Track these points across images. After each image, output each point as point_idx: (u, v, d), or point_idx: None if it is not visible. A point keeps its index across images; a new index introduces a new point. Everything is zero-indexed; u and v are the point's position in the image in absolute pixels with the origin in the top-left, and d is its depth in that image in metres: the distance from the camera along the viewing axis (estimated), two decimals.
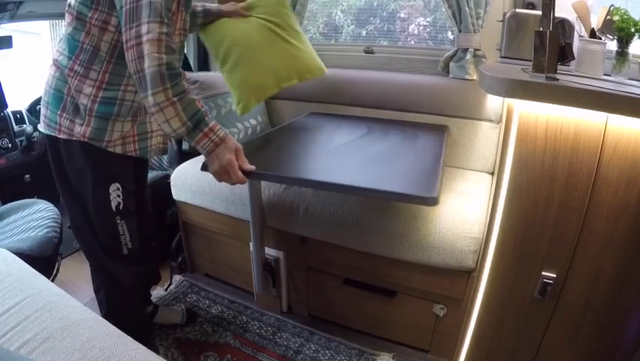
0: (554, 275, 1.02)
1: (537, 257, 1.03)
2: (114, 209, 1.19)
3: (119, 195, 1.19)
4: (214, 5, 1.52)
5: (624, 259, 0.95)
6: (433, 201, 0.97)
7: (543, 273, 1.03)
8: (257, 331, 1.60)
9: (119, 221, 1.20)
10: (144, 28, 0.93)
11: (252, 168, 1.09)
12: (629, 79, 1.10)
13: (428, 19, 2.02)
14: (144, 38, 0.93)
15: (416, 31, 2.07)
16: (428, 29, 2.03)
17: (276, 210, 1.53)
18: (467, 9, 1.64)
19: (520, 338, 1.13)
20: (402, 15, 2.06)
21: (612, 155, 0.91)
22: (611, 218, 0.94)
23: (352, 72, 2.00)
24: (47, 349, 0.81)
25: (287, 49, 1.52)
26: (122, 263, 1.25)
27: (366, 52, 2.05)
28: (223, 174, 1.06)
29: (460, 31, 1.71)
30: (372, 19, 2.11)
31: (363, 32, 2.13)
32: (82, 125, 1.10)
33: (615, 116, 0.87)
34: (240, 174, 1.06)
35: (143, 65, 0.94)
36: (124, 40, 0.96)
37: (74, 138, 1.11)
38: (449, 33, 1.95)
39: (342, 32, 2.20)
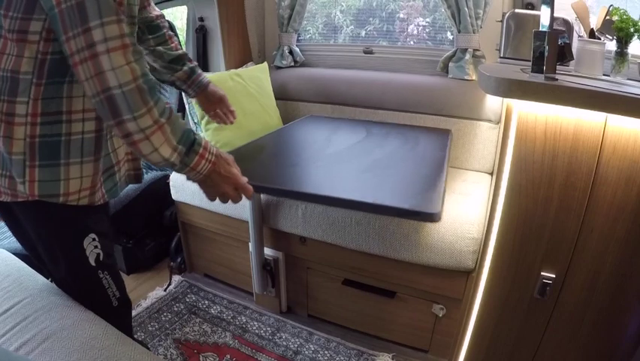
0: (553, 275, 1.03)
1: (536, 257, 1.04)
2: (94, 263, 0.93)
3: (96, 247, 0.93)
4: (206, 79, 1.25)
5: (623, 258, 0.96)
6: (435, 218, 0.93)
7: (542, 273, 1.04)
8: (256, 331, 1.60)
9: (101, 275, 0.96)
10: (98, 34, 0.68)
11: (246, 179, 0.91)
12: (628, 79, 1.10)
13: (427, 20, 2.02)
14: (100, 48, 0.69)
15: (415, 32, 2.08)
16: (427, 30, 2.03)
17: (275, 211, 1.53)
18: (466, 9, 1.64)
19: (519, 338, 1.13)
20: (401, 15, 2.06)
21: (611, 154, 0.91)
22: (610, 217, 0.94)
23: (351, 72, 2.00)
24: (46, 349, 0.81)
25: (260, 110, 1.83)
26: (112, 315, 1.01)
27: (366, 52, 2.05)
28: (230, 193, 0.87)
29: (459, 31, 1.71)
30: (371, 19, 2.11)
31: (363, 33, 2.14)
32: (23, 182, 0.81)
33: (614, 116, 0.87)
34: (249, 186, 0.89)
35: (108, 84, 0.70)
36: (68, 54, 0.71)
37: (20, 200, 0.84)
38: (448, 33, 1.95)
39: (341, 33, 2.20)
